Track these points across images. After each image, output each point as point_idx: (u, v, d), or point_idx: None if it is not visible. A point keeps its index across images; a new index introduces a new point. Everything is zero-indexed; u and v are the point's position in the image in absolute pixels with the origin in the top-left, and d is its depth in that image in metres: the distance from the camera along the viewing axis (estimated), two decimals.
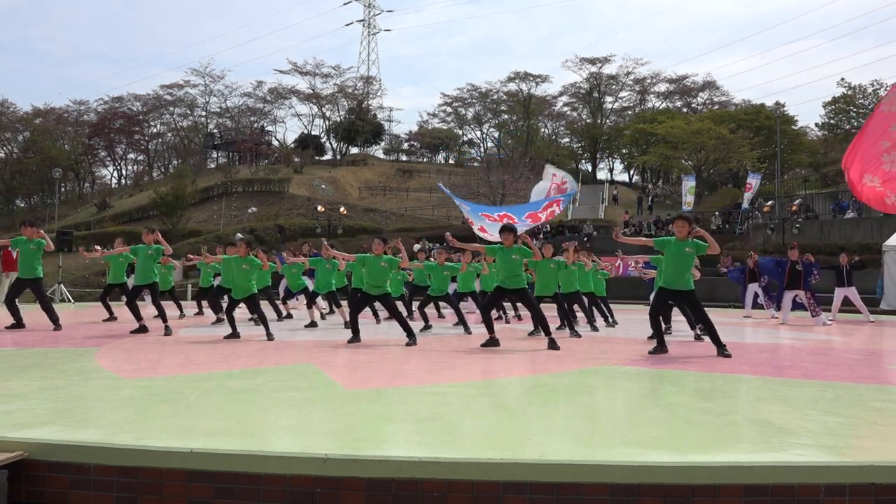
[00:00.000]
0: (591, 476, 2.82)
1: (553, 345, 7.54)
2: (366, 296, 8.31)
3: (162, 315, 9.16)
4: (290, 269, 11.69)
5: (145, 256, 9.30)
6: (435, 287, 10.60)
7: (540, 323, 7.92)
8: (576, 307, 10.72)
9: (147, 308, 10.50)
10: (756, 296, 14.87)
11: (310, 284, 12.12)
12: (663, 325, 8.15)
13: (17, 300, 9.66)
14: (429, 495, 2.83)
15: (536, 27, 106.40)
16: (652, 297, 10.01)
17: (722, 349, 6.94)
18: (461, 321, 10.06)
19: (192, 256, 12.63)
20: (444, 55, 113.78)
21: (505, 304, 12.34)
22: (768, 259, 14.67)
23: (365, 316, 11.17)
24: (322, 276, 10.95)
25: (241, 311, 9.54)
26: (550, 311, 9.97)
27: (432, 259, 11.71)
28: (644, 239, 8.02)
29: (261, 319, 8.67)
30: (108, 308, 11.58)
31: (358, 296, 8.61)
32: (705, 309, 7.21)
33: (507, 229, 8.00)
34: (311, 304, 11.24)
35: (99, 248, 11.11)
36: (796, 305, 12.98)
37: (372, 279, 8.14)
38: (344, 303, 11.42)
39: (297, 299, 14.83)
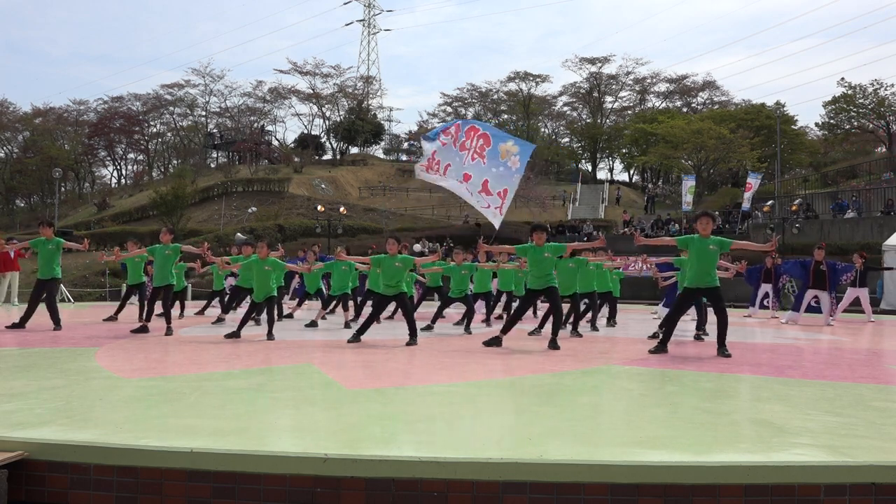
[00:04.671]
0: (591, 476, 2.82)
1: (554, 345, 7.53)
2: (383, 297, 8.32)
3: (167, 316, 9.14)
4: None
5: (163, 257, 9.24)
6: (455, 288, 10.57)
7: (556, 323, 7.83)
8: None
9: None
10: (766, 296, 14.83)
11: (324, 287, 12.10)
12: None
13: (38, 301, 9.56)
14: (429, 495, 2.83)
15: (533, 27, 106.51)
16: (662, 302, 10.02)
17: (723, 349, 6.94)
18: (465, 320, 10.05)
19: (210, 257, 12.63)
20: (440, 54, 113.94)
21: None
22: (793, 261, 14.50)
23: (363, 316, 11.15)
24: (339, 279, 10.93)
25: (240, 311, 9.55)
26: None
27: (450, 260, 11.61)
28: (667, 238, 7.98)
29: (269, 320, 8.67)
30: (121, 308, 11.49)
31: (377, 298, 8.59)
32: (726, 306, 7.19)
33: (540, 228, 8.00)
34: (326, 305, 11.25)
35: (118, 250, 11.09)
36: (811, 308, 12.91)
37: (388, 280, 8.16)
38: (351, 304, 11.39)
39: (311, 300, 14.78)
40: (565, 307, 9.69)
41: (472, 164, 10.13)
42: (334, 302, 11.69)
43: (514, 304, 12.35)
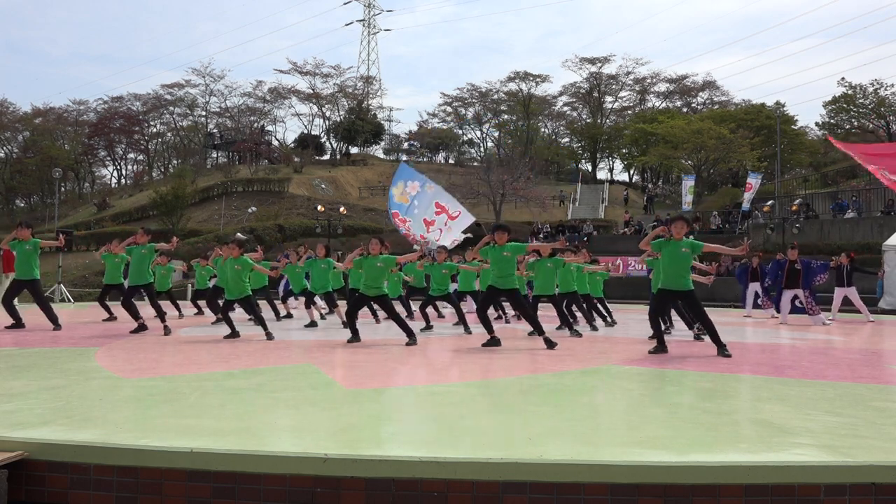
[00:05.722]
0: (591, 476, 2.82)
1: (549, 344, 7.53)
2: (363, 297, 8.31)
3: (160, 315, 9.16)
4: (294, 270, 11.68)
5: (139, 256, 9.32)
6: (435, 287, 10.60)
7: (531, 324, 7.91)
8: (574, 308, 10.72)
9: (146, 308, 10.50)
10: (756, 295, 14.86)
11: (308, 286, 12.13)
12: (663, 325, 8.16)
13: (14, 301, 9.63)
14: (429, 495, 2.83)
15: (533, 27, 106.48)
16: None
17: (722, 349, 6.95)
18: (461, 321, 10.06)
19: (202, 262, 12.97)
20: (440, 54, 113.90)
21: (505, 303, 12.34)
22: (772, 262, 14.44)
23: (364, 316, 11.18)
24: (318, 277, 10.95)
25: (241, 311, 9.55)
26: (549, 312, 9.98)
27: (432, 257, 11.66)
28: (645, 240, 8.01)
29: (258, 321, 8.67)
30: (107, 308, 11.58)
31: (355, 296, 8.60)
32: (704, 309, 7.22)
33: (501, 228, 8.01)
34: (309, 304, 11.24)
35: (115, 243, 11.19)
36: (795, 308, 12.93)
37: (369, 280, 8.15)
38: (341, 303, 11.41)
39: (297, 300, 14.83)
40: (551, 308, 9.70)
41: (411, 224, 11.48)
42: (320, 301, 11.69)
43: (505, 304, 12.39)
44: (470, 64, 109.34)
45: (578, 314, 11.13)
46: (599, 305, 11.61)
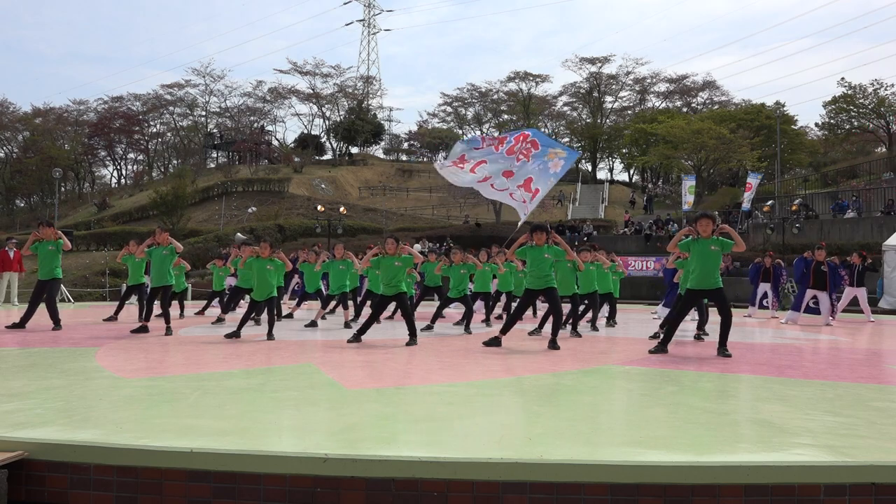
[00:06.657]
0: (591, 476, 2.82)
1: (554, 345, 7.53)
2: (384, 298, 8.32)
3: (166, 316, 9.16)
4: (311, 268, 11.67)
5: (160, 257, 9.30)
6: (454, 287, 10.59)
7: (556, 324, 7.85)
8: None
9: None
10: (765, 295, 14.82)
11: (323, 287, 12.14)
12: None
13: (39, 302, 9.55)
14: (429, 495, 2.83)
15: (528, 27, 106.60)
16: (662, 302, 9.94)
17: (723, 349, 6.94)
18: (465, 320, 10.06)
19: (218, 263, 13.07)
20: (437, 55, 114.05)
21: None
22: (797, 260, 14.29)
23: (363, 316, 11.17)
24: (336, 278, 10.94)
25: (240, 311, 9.55)
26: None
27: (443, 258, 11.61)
28: (673, 242, 7.85)
29: (269, 321, 8.67)
30: (119, 310, 11.52)
31: (378, 299, 8.58)
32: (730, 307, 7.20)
33: (540, 228, 8.00)
34: (325, 305, 11.26)
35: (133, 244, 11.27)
36: (809, 308, 12.82)
37: (388, 279, 8.17)
38: (351, 304, 11.39)
39: (306, 301, 14.84)
40: (565, 308, 9.70)
41: (518, 165, 10.54)
42: (333, 302, 11.70)
43: (514, 305, 12.37)
44: (466, 64, 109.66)
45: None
46: (614, 305, 11.64)
